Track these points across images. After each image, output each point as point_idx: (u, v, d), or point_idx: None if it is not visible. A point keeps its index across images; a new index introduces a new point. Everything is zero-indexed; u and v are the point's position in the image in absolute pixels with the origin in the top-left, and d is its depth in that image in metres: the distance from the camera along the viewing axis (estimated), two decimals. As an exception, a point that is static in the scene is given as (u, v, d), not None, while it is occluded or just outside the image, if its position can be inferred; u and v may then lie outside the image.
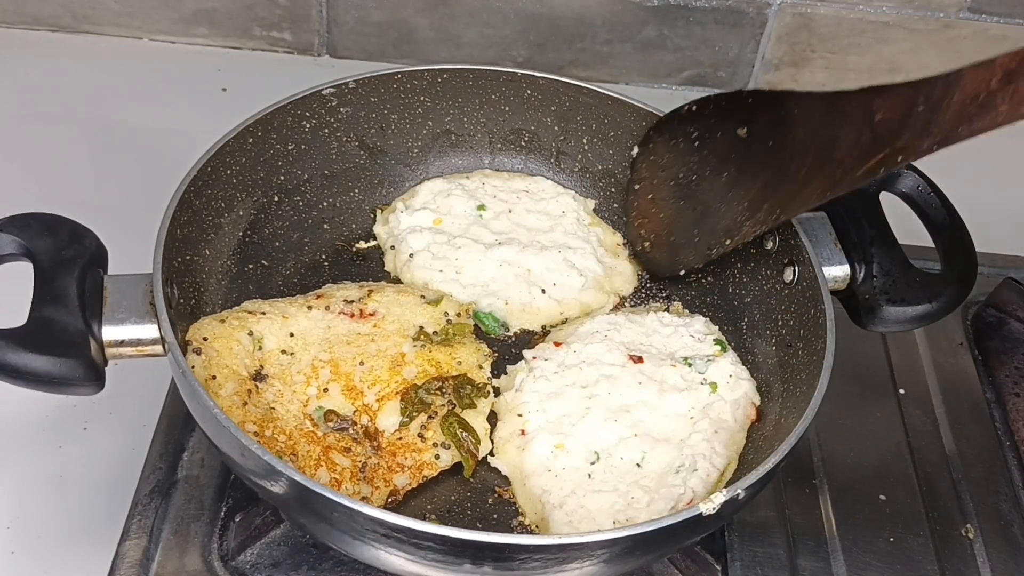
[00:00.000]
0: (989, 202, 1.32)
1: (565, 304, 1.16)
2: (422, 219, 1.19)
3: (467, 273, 1.15)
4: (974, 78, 0.88)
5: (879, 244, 1.08)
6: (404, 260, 1.17)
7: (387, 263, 1.20)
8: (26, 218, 0.95)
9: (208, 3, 1.59)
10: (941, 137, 0.90)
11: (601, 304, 1.17)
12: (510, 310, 1.15)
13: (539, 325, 1.16)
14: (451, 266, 1.15)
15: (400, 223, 1.20)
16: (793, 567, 1.06)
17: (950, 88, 0.89)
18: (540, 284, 1.16)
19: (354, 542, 0.86)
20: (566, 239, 1.20)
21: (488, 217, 1.21)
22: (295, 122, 1.15)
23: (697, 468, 0.99)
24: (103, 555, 1.01)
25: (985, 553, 1.10)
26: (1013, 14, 1.58)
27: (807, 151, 0.99)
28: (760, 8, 1.58)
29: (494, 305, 1.15)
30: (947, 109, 0.90)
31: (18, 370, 0.86)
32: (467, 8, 1.59)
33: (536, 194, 1.25)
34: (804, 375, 1.01)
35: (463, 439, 1.02)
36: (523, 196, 1.24)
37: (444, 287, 1.14)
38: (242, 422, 0.95)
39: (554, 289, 1.16)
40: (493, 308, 1.15)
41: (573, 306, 1.16)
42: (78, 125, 1.50)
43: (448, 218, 1.20)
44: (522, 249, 1.17)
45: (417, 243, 1.17)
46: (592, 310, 1.16)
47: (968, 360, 1.28)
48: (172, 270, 0.98)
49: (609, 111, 1.22)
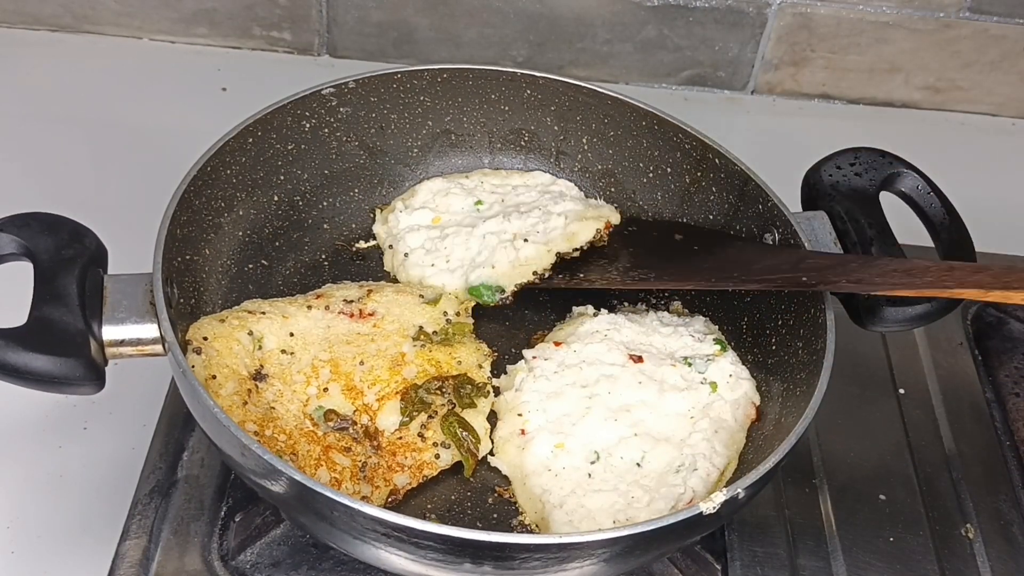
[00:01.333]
0: (989, 202, 1.32)
1: (552, 243, 1.15)
2: (421, 218, 1.19)
3: (454, 258, 1.15)
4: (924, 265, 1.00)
5: (879, 244, 1.08)
6: (400, 259, 1.17)
7: (386, 263, 1.20)
8: (26, 218, 0.95)
9: (208, 3, 1.59)
10: (857, 283, 1.00)
11: (589, 232, 1.16)
12: (499, 272, 1.14)
13: (531, 274, 1.14)
14: (441, 257, 1.15)
15: (399, 223, 1.20)
16: (793, 567, 1.06)
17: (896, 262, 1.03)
18: (520, 237, 1.15)
19: (354, 541, 0.86)
20: (548, 200, 1.20)
21: (484, 210, 1.21)
22: (295, 122, 1.15)
23: (697, 468, 0.99)
24: (103, 555, 1.01)
25: (985, 553, 1.10)
26: (1013, 14, 1.58)
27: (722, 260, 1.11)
28: (760, 8, 1.58)
29: (483, 274, 1.14)
30: (881, 269, 1.02)
31: (18, 370, 0.86)
32: (467, 8, 1.59)
33: (534, 187, 1.24)
34: (804, 374, 1.01)
35: (463, 439, 1.02)
36: (520, 188, 1.24)
37: (436, 280, 1.14)
38: (242, 422, 0.95)
39: (537, 235, 1.15)
40: (483, 278, 1.14)
41: (560, 243, 1.15)
42: (78, 125, 1.50)
43: (447, 215, 1.20)
44: (504, 218, 1.17)
45: (413, 241, 1.17)
46: (581, 241, 1.15)
47: (968, 360, 1.28)
48: (172, 270, 0.98)
49: (609, 110, 1.22)
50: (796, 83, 1.68)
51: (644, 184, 1.24)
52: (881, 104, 1.70)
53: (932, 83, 1.67)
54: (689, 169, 1.19)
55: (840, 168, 1.14)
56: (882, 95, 1.69)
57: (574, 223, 1.16)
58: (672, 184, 1.22)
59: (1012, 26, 1.59)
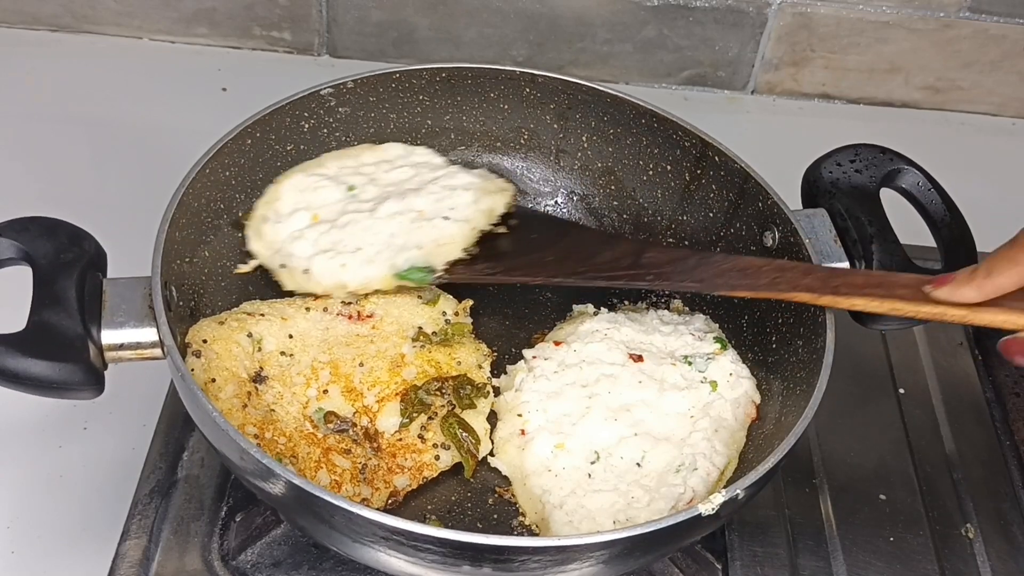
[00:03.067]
0: (989, 202, 1.31)
1: (472, 220, 1.07)
2: (299, 222, 1.08)
3: (367, 247, 1.05)
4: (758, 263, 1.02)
5: (879, 241, 1.08)
6: (301, 275, 1.06)
7: (286, 283, 1.07)
8: (24, 222, 0.95)
9: (208, 3, 1.59)
10: (700, 283, 1.02)
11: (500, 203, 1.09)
12: (427, 252, 1.05)
13: (460, 251, 1.06)
14: (347, 250, 1.05)
15: (278, 234, 1.08)
16: (793, 566, 1.06)
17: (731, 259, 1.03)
18: (437, 216, 1.07)
19: (353, 544, 0.86)
20: (433, 174, 1.13)
21: (359, 193, 1.11)
22: (294, 123, 1.15)
23: (697, 467, 0.99)
24: (103, 555, 1.01)
25: (985, 553, 1.10)
26: (1013, 14, 1.58)
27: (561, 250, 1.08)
28: (760, 8, 1.58)
29: (409, 256, 1.05)
30: (718, 267, 1.02)
31: (17, 375, 0.86)
32: (467, 8, 1.59)
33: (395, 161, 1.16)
34: (804, 373, 1.00)
35: (463, 439, 1.02)
36: (382, 164, 1.16)
37: (356, 276, 1.05)
38: (242, 425, 0.95)
39: (453, 212, 1.07)
40: (411, 260, 1.05)
41: (479, 218, 1.08)
42: (78, 125, 1.50)
43: (323, 210, 1.09)
44: (401, 198, 1.09)
45: (304, 250, 1.05)
46: (497, 214, 1.09)
47: (968, 360, 1.28)
48: (171, 273, 0.98)
49: (608, 108, 1.22)
50: (796, 83, 1.68)
51: (644, 182, 1.24)
52: (881, 104, 1.70)
53: (932, 83, 1.67)
54: (689, 167, 1.19)
55: (840, 165, 1.14)
56: (882, 95, 1.69)
57: (484, 197, 1.08)
58: (672, 182, 1.22)
59: (1012, 26, 1.59)
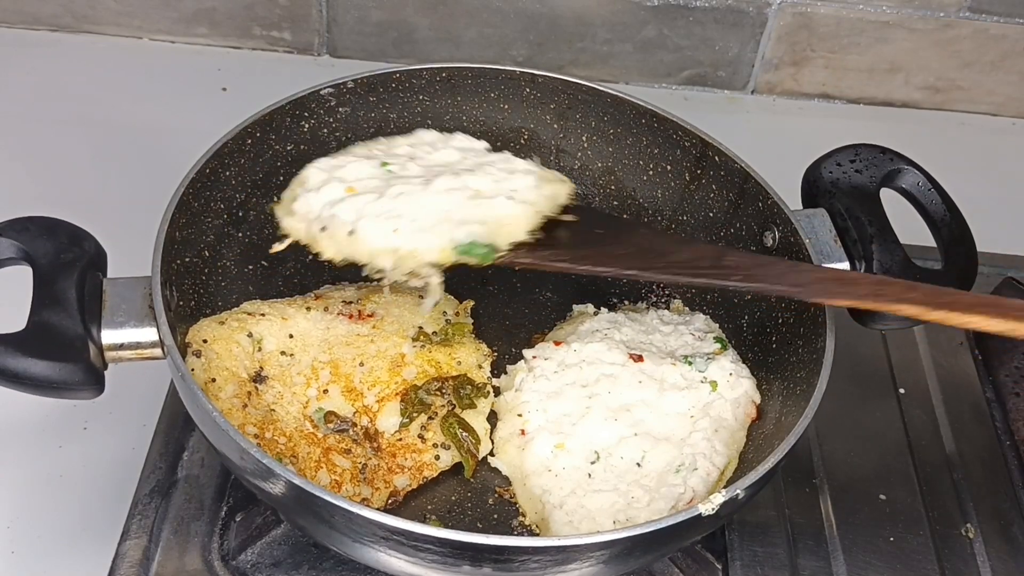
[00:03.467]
0: (989, 202, 1.32)
1: (536, 204, 1.00)
2: (332, 193, 0.97)
3: (423, 216, 0.95)
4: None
5: (879, 241, 1.08)
6: (345, 238, 0.94)
7: (327, 249, 0.96)
8: (24, 222, 0.95)
9: (208, 3, 1.59)
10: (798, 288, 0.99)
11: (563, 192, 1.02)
12: (490, 229, 0.97)
13: (525, 233, 0.98)
14: (402, 216, 0.95)
15: (312, 204, 0.97)
16: (793, 566, 1.06)
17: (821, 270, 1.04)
18: (499, 195, 0.99)
19: (353, 544, 0.86)
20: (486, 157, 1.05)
21: (397, 170, 1.03)
22: (293, 122, 1.15)
23: (697, 467, 0.99)
24: (103, 555, 1.01)
25: (985, 553, 1.10)
26: (1013, 14, 1.58)
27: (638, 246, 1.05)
28: (760, 7, 1.58)
29: (472, 230, 0.95)
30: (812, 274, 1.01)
31: (17, 375, 0.86)
32: (467, 8, 1.59)
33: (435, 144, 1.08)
34: (804, 373, 1.00)
35: (463, 439, 1.02)
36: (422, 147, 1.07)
37: (408, 242, 0.94)
38: (242, 424, 0.95)
39: (516, 194, 0.99)
40: (473, 234, 0.95)
41: (543, 203, 1.00)
42: (78, 125, 1.50)
43: (359, 183, 0.99)
44: (455, 176, 1.00)
45: (349, 214, 0.94)
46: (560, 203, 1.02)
47: (968, 360, 1.28)
48: (171, 273, 0.98)
49: (608, 108, 1.22)
50: (796, 83, 1.68)
51: (644, 182, 1.24)
52: (881, 104, 1.70)
53: (932, 83, 1.67)
54: (689, 167, 1.19)
55: (840, 165, 1.14)
56: (882, 95, 1.69)
57: (546, 184, 1.02)
58: (672, 182, 1.22)
59: (1012, 26, 1.59)
